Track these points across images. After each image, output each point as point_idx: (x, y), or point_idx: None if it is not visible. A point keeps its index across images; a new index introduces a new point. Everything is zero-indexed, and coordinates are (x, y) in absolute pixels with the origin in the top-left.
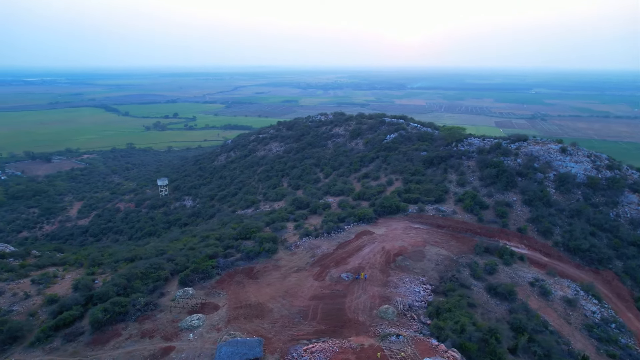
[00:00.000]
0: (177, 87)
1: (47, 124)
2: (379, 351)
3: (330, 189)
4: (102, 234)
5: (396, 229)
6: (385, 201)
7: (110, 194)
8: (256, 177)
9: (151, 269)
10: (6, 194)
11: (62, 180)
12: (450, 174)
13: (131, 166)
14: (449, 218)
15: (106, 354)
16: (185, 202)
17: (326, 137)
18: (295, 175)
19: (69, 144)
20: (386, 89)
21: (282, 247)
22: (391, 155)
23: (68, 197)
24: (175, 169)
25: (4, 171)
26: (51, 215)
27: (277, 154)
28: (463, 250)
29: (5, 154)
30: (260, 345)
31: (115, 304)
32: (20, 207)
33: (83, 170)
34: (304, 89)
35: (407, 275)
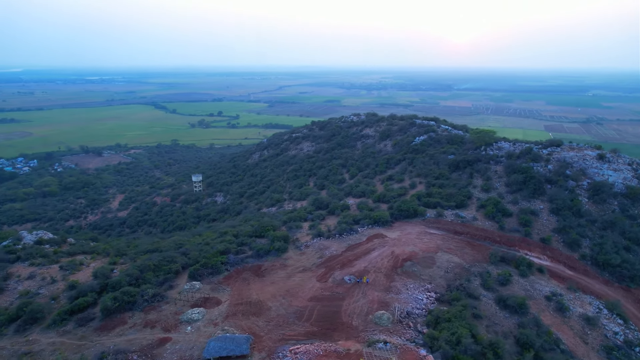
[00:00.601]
0: (224, 86)
1: (103, 120)
2: (362, 357)
3: (352, 190)
4: (138, 226)
5: (410, 234)
6: (403, 204)
7: (149, 188)
8: (285, 176)
9: (164, 262)
10: (59, 185)
11: (109, 174)
12: (476, 178)
13: (173, 162)
14: (468, 224)
15: (110, 340)
16: (216, 198)
17: (356, 138)
18: (321, 175)
19: (119, 139)
20: (431, 90)
21: (292, 247)
22: (418, 157)
23: (112, 190)
24: (212, 165)
25: (60, 163)
26: (96, 206)
27: (307, 153)
28: (477, 259)
29: (63, 147)
30: (247, 342)
31: (125, 294)
32: (70, 197)
33: (129, 165)
34: (348, 89)
35: (412, 282)
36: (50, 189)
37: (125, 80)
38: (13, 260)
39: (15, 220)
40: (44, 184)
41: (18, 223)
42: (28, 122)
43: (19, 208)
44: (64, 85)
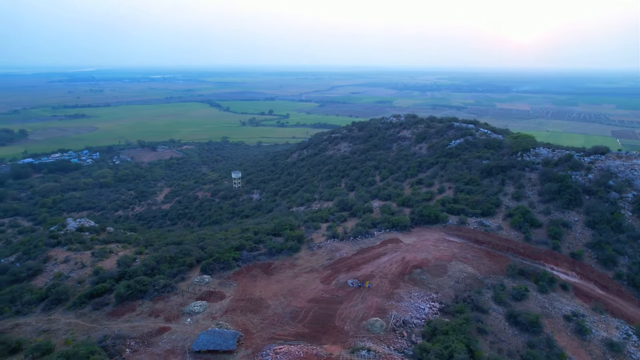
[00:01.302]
0: (277, 86)
1: (161, 116)
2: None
3: (379, 192)
4: (178, 219)
5: (427, 240)
6: (425, 210)
7: (194, 183)
8: (319, 175)
9: (180, 255)
10: (114, 177)
11: (160, 168)
12: (508, 186)
13: (220, 158)
14: (491, 234)
15: (117, 325)
16: (253, 195)
17: (392, 140)
18: (353, 176)
19: (174, 135)
20: (488, 91)
21: (305, 247)
22: (451, 161)
23: (160, 183)
24: (255, 163)
25: (118, 156)
26: (143, 198)
27: (343, 154)
28: (494, 270)
29: (123, 141)
30: (234, 338)
31: (138, 282)
32: (122, 188)
33: (179, 160)
34: (400, 90)
35: (417, 290)
36: (106, 180)
37: (185, 79)
38: (54, 245)
39: (73, 207)
40: (101, 176)
41: (76, 210)
42: (96, 117)
43: (78, 197)
44: (130, 83)
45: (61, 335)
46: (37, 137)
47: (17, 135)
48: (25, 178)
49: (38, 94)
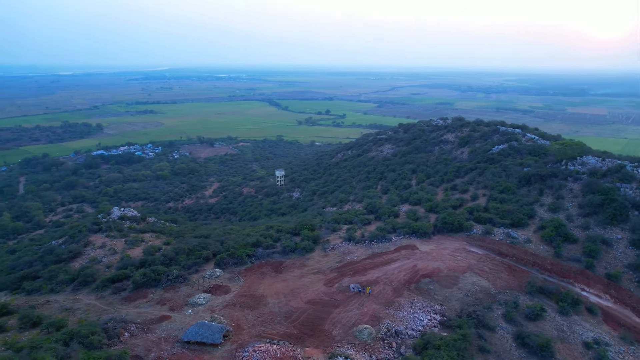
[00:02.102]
0: (337, 86)
1: (222, 114)
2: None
3: (410, 196)
4: (222, 213)
5: (445, 249)
6: (449, 217)
7: (242, 179)
8: (358, 177)
9: (197, 247)
10: (171, 170)
11: (214, 163)
12: (546, 196)
13: (272, 156)
14: (517, 246)
15: (126, 309)
16: (293, 193)
17: (435, 143)
18: (390, 179)
19: (232, 133)
20: (560, 94)
21: (319, 248)
22: (490, 168)
23: (211, 178)
24: (302, 162)
25: (178, 151)
26: (194, 191)
27: (385, 156)
28: (510, 286)
29: (184, 137)
30: (220, 332)
31: (154, 271)
32: (176, 181)
33: (233, 156)
34: (464, 92)
35: (421, 300)
36: (163, 173)
37: (249, 78)
38: (96, 231)
39: (131, 197)
40: (159, 169)
41: (133, 200)
42: (163, 113)
43: (136, 187)
44: (197, 81)
45: (78, 315)
46: (110, 130)
47: (94, 129)
48: (96, 168)
49: (116, 91)
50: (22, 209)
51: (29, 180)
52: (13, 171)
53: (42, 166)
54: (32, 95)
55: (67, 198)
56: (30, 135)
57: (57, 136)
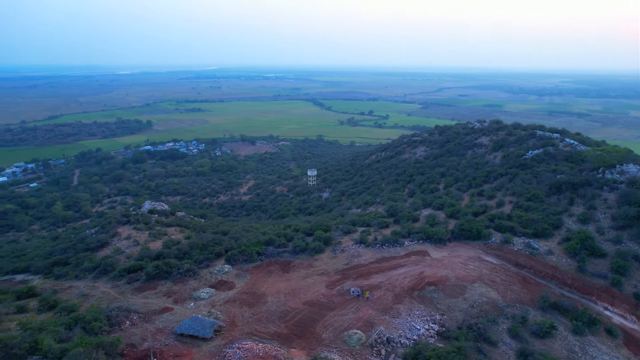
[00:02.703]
0: (383, 86)
1: (266, 113)
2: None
3: (433, 201)
4: (253, 210)
5: (458, 257)
6: (467, 224)
7: (276, 177)
8: (388, 179)
9: (211, 243)
10: (211, 167)
11: (253, 161)
12: (577, 205)
13: (310, 155)
14: (536, 258)
15: (134, 299)
16: (323, 193)
17: (468, 146)
18: (418, 182)
19: (274, 131)
20: (623, 97)
21: (329, 249)
22: (521, 174)
23: (248, 176)
24: (337, 162)
25: (220, 148)
26: (230, 188)
27: (417, 158)
28: (522, 299)
29: (227, 135)
30: (211, 327)
31: (166, 264)
32: (214, 178)
33: (272, 155)
34: (515, 94)
35: (421, 308)
36: (203, 169)
37: (296, 78)
38: (124, 223)
39: (170, 192)
40: (200, 165)
41: (172, 195)
42: (209, 111)
43: (176, 182)
44: (245, 81)
45: (92, 301)
46: (159, 127)
47: (145, 125)
48: (142, 163)
49: (168, 89)
50: (72, 199)
51: (82, 173)
52: (70, 164)
53: (95, 160)
54: (92, 93)
55: (113, 190)
56: (88, 130)
57: (111, 132)
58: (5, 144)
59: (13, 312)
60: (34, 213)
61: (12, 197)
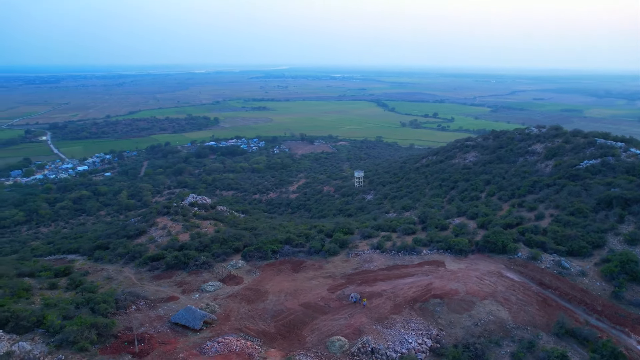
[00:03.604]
0: (452, 88)
1: (328, 113)
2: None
3: (468, 209)
4: (297, 208)
5: (476, 270)
6: (492, 236)
7: (326, 177)
8: (433, 184)
9: (232, 238)
10: (266, 164)
11: (308, 161)
12: (627, 224)
13: (365, 157)
14: (564, 279)
15: (149, 285)
16: (368, 195)
17: (519, 153)
18: (460, 188)
19: (334, 131)
20: None
21: (344, 252)
22: (569, 185)
23: (301, 174)
24: (389, 164)
25: (279, 147)
26: (280, 185)
27: (466, 164)
28: (535, 322)
29: (288, 133)
30: (201, 319)
31: (184, 255)
32: (267, 175)
33: (328, 155)
34: (600, 98)
35: (419, 321)
36: (258, 166)
37: (363, 78)
38: (164, 214)
39: (224, 187)
40: (255, 162)
41: (226, 189)
42: (274, 110)
43: (231, 178)
44: (312, 81)
45: (113, 284)
46: (225, 124)
47: (212, 122)
48: (203, 157)
49: (238, 88)
50: (136, 189)
51: (149, 165)
52: (140, 156)
53: (162, 153)
54: (169, 90)
55: (174, 182)
56: (160, 125)
57: (180, 127)
58: (91, 136)
59: (46, 288)
60: (103, 200)
61: (89, 184)
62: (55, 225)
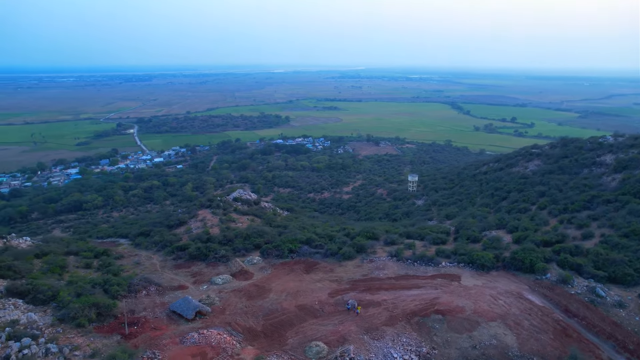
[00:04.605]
0: (537, 91)
1: (398, 114)
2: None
3: (509, 222)
4: (347, 210)
5: (493, 289)
6: (520, 253)
7: (383, 180)
8: (485, 193)
9: (255, 234)
10: (327, 164)
11: (370, 162)
12: None
13: (430, 160)
14: (596, 309)
15: (167, 273)
16: (418, 200)
17: (584, 164)
18: (511, 199)
19: (402, 133)
20: None
21: (360, 257)
22: (633, 202)
23: (359, 176)
24: (450, 169)
25: (343, 147)
26: (336, 186)
27: (525, 173)
28: (545, 352)
29: (355, 134)
30: (194, 310)
31: (206, 248)
32: (326, 175)
33: (391, 157)
34: None
35: (413, 336)
36: (318, 165)
37: (440, 80)
38: (207, 206)
39: (282, 184)
40: (316, 161)
41: (283, 187)
42: (345, 110)
43: (290, 176)
44: (388, 81)
45: (138, 269)
46: (295, 123)
47: (283, 120)
48: (268, 155)
49: (312, 87)
50: (201, 182)
51: (218, 160)
52: (211, 150)
53: (231, 149)
54: (247, 89)
55: (237, 177)
56: (234, 122)
57: (252, 124)
58: (171, 130)
59: (81, 267)
60: (170, 190)
61: (161, 175)
62: (125, 210)
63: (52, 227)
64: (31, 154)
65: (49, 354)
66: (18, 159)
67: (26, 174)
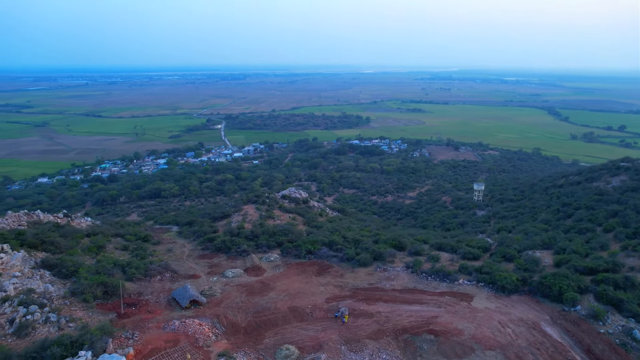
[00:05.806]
0: None
1: (485, 118)
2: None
3: (557, 242)
4: (406, 215)
5: (506, 314)
6: (550, 278)
7: (452, 187)
8: (551, 208)
9: (280, 233)
10: (397, 167)
11: (444, 167)
12: None
13: (511, 169)
14: (626, 354)
15: (189, 263)
16: (481, 211)
17: None
18: (576, 218)
19: (487, 139)
20: None
21: (375, 264)
22: None
23: (429, 181)
24: (526, 180)
25: (420, 150)
26: (401, 190)
27: (605, 189)
28: None
29: (435, 137)
30: (188, 299)
31: (230, 241)
32: (393, 178)
33: (469, 163)
34: None
35: (395, 354)
36: (388, 168)
37: (540, 83)
38: (253, 202)
39: (348, 185)
40: (387, 164)
41: (348, 187)
42: (429, 113)
43: (358, 177)
44: (480, 84)
45: (167, 255)
46: (375, 124)
47: (363, 121)
48: (342, 155)
49: (398, 88)
50: (271, 177)
51: (292, 157)
52: (287, 148)
53: (306, 147)
54: (333, 89)
55: (306, 175)
56: (314, 121)
57: (332, 124)
58: (254, 127)
59: (120, 248)
60: (241, 184)
61: (236, 169)
62: (197, 201)
63: (132, 210)
64: (132, 144)
65: (48, 322)
66: (121, 148)
67: (125, 162)
